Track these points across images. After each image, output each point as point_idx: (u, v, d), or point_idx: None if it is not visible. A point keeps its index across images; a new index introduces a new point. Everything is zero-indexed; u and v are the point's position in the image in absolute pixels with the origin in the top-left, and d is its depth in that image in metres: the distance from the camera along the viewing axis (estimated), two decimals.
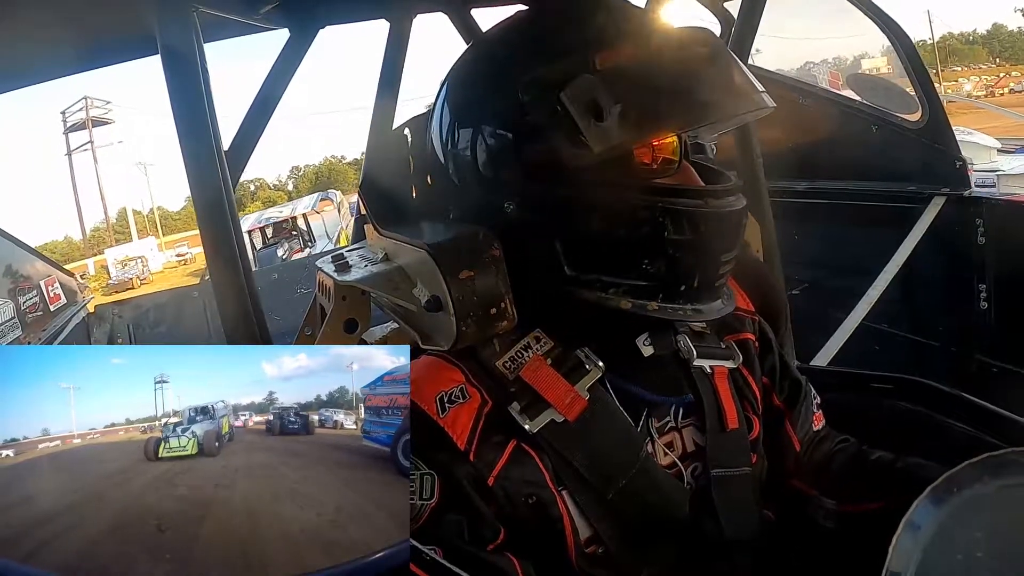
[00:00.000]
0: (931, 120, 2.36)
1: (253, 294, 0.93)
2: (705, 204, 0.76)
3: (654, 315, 0.78)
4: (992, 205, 2.23)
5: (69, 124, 21.05)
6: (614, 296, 0.78)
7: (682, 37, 0.79)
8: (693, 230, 0.75)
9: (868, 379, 1.15)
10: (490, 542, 0.75)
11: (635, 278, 0.78)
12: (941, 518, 0.62)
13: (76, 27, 0.98)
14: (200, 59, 0.90)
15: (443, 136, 0.86)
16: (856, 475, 0.92)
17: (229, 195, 0.92)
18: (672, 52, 0.78)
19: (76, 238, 42.48)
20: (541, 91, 0.75)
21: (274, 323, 1.00)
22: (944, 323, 2.40)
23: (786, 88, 2.67)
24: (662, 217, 0.75)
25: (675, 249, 0.76)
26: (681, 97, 0.75)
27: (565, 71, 0.74)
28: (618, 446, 0.78)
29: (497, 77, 0.81)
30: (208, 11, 0.95)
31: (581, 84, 0.74)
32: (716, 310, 0.82)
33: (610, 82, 0.73)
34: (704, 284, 0.79)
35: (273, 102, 1.15)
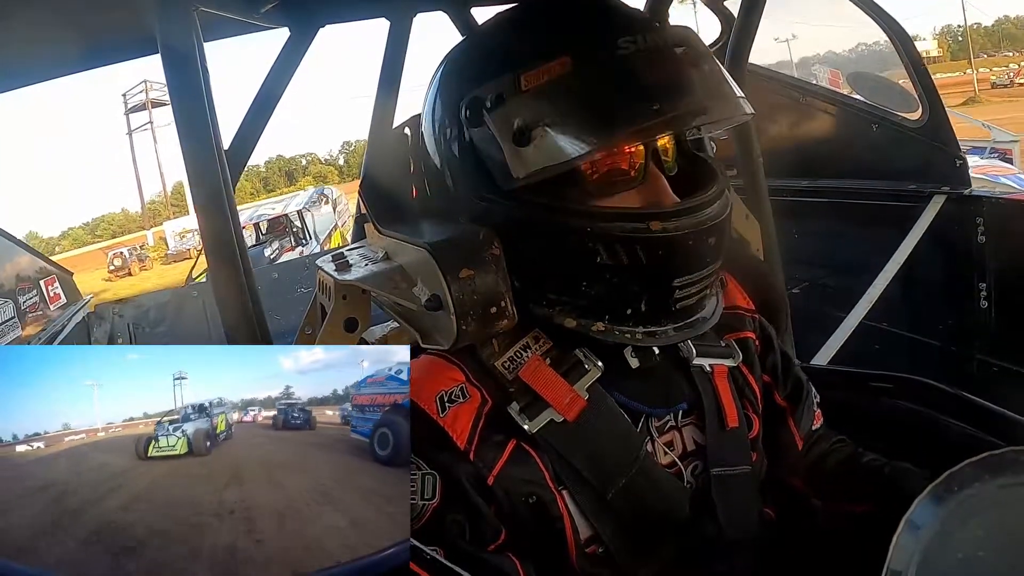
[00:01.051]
0: (931, 119, 2.36)
1: (253, 294, 0.93)
2: (646, 228, 0.72)
3: (600, 336, 0.77)
4: (993, 204, 2.23)
5: (130, 105, 23.09)
6: (560, 314, 0.78)
7: (617, 45, 0.71)
8: (630, 256, 0.72)
9: (868, 378, 1.15)
10: (491, 542, 0.75)
11: (579, 298, 0.77)
12: (942, 517, 0.62)
13: (76, 26, 0.98)
14: (200, 58, 0.90)
15: (422, 139, 0.88)
16: (846, 477, 0.92)
17: (229, 194, 0.92)
18: (599, 65, 0.72)
19: (132, 211, 47.33)
20: (477, 112, 0.75)
21: (274, 322, 1.00)
22: (944, 322, 2.40)
23: (786, 87, 2.67)
24: (592, 243, 0.72)
25: (612, 275, 0.73)
26: (604, 116, 0.71)
27: (496, 92, 0.74)
28: (617, 446, 0.78)
29: (450, 89, 0.81)
30: (208, 10, 0.94)
31: (507, 106, 0.73)
32: (676, 334, 0.78)
33: (531, 103, 0.71)
34: (656, 308, 0.76)
35: (273, 101, 1.16)
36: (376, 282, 0.83)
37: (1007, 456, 0.64)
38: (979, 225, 2.25)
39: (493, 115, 0.74)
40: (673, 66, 0.73)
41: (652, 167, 0.77)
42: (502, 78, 0.73)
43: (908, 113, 2.45)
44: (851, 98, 2.64)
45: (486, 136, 0.75)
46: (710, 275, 0.78)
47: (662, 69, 0.72)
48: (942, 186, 2.35)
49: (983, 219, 2.24)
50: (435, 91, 0.85)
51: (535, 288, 0.78)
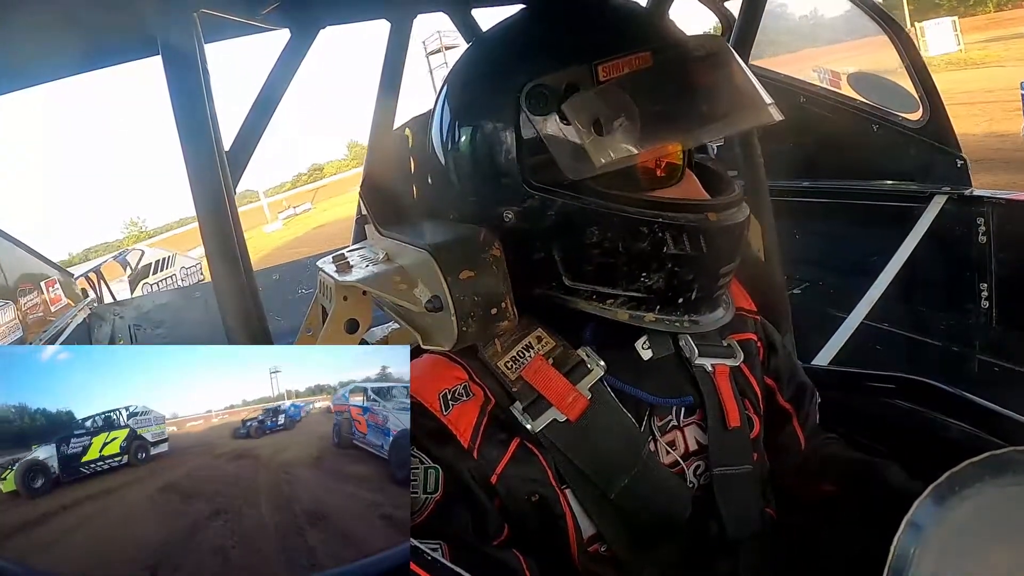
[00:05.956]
0: (932, 119, 2.36)
1: (255, 294, 0.93)
2: (706, 219, 0.76)
3: (651, 327, 0.79)
4: (994, 204, 2.23)
5: (428, 50, 28.24)
6: (611, 307, 0.79)
7: (689, 45, 0.77)
8: (693, 245, 0.75)
9: (868, 379, 1.15)
10: (494, 538, 0.75)
11: (633, 290, 0.78)
12: (942, 517, 0.62)
13: (77, 28, 0.98)
14: (201, 60, 0.90)
15: (443, 137, 0.85)
16: (824, 466, 0.94)
17: (230, 195, 0.92)
18: (677, 62, 0.76)
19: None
20: (543, 100, 0.75)
21: (275, 323, 1.00)
22: (945, 322, 2.40)
23: (787, 88, 2.67)
24: (662, 232, 0.74)
25: (674, 263, 0.76)
26: (684, 111, 0.75)
27: (568, 81, 0.74)
28: (620, 445, 0.78)
29: (497, 80, 0.80)
30: (209, 12, 0.94)
31: (584, 96, 0.73)
32: (713, 321, 0.82)
33: (613, 94, 0.72)
34: (702, 296, 0.80)
35: (274, 103, 1.15)
36: (377, 283, 0.83)
37: (1009, 456, 0.64)
38: (980, 225, 2.25)
39: (568, 104, 0.74)
40: (732, 71, 0.78)
41: (684, 167, 0.81)
42: (574, 67, 0.74)
43: (909, 113, 2.45)
44: (852, 99, 2.64)
45: (556, 125, 0.75)
46: (737, 265, 0.82)
47: (725, 74, 0.77)
48: (943, 186, 2.36)
49: (984, 219, 2.24)
50: (461, 86, 0.85)
51: (585, 281, 0.79)
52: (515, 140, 0.77)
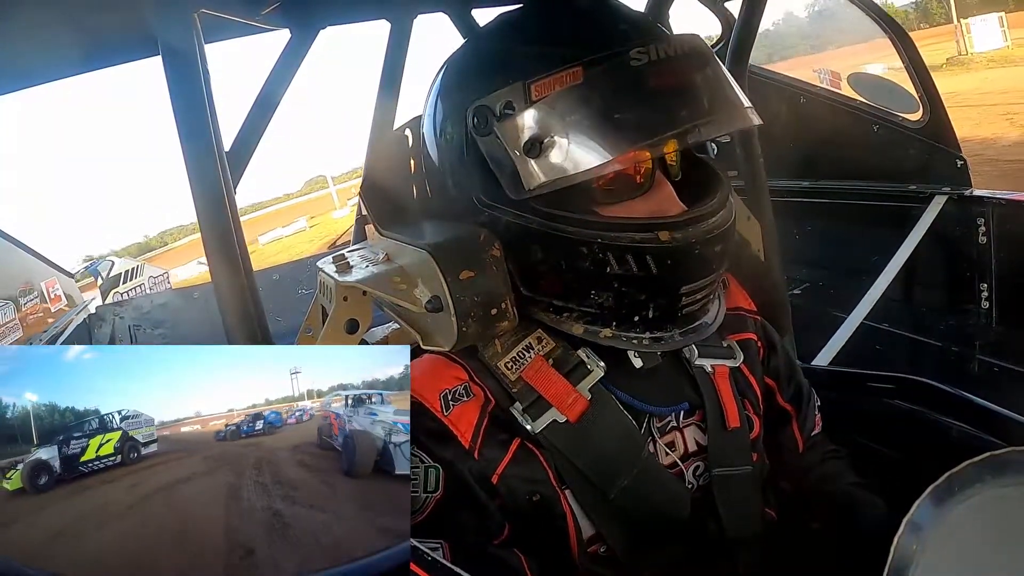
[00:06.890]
0: (932, 119, 2.36)
1: (254, 294, 0.93)
2: (655, 238, 0.71)
3: (607, 343, 0.77)
4: (994, 204, 2.23)
5: None
6: (567, 320, 0.78)
7: (629, 55, 0.69)
8: (640, 265, 0.72)
9: (868, 379, 1.15)
10: (495, 537, 0.75)
11: (586, 306, 0.76)
12: (942, 517, 0.62)
13: (77, 28, 0.98)
14: (201, 60, 0.90)
15: (424, 144, 0.87)
16: (816, 494, 0.93)
17: (230, 195, 0.92)
18: (610, 76, 0.70)
19: None
20: (484, 120, 0.75)
21: (274, 323, 1.00)
22: (945, 323, 2.39)
23: (786, 88, 2.67)
24: (602, 253, 0.72)
25: (621, 284, 0.73)
26: (617, 128, 0.69)
27: (506, 100, 0.73)
28: (620, 446, 0.78)
29: (454, 96, 0.80)
30: (209, 12, 0.94)
31: (516, 116, 0.72)
32: (677, 340, 0.79)
33: (542, 113, 0.71)
34: (663, 314, 0.77)
35: (274, 103, 1.15)
36: (377, 283, 0.83)
37: (1009, 456, 0.64)
38: (980, 225, 2.25)
39: (502, 125, 0.73)
40: (685, 77, 0.71)
41: (658, 174, 0.76)
42: (511, 86, 0.73)
43: (908, 114, 2.45)
44: (852, 99, 2.64)
45: (495, 145, 0.74)
46: (715, 281, 0.78)
47: (675, 80, 0.71)
48: (943, 186, 2.36)
49: (984, 219, 2.24)
50: (436, 95, 0.85)
51: (540, 294, 0.78)
52: (463, 156, 0.78)
